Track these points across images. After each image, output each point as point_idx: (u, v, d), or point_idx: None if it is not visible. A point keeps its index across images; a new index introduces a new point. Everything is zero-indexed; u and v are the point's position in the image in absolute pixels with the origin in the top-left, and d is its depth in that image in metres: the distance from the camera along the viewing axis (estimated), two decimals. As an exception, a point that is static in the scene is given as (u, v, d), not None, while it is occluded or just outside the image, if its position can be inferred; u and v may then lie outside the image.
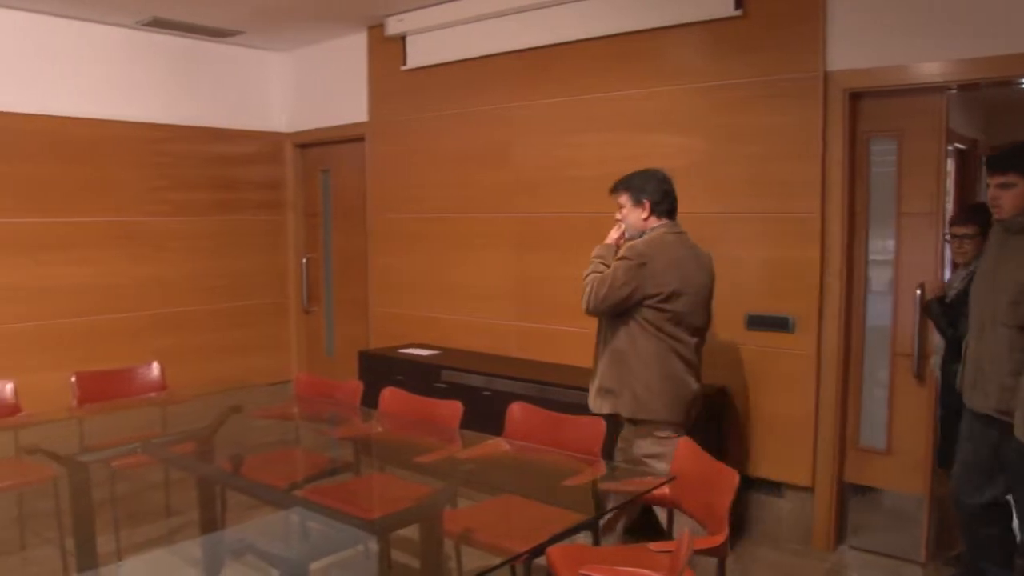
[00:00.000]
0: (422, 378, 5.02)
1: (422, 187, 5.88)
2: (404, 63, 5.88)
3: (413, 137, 5.92)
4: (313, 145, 6.88)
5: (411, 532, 2.99)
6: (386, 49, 6.01)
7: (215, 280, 6.50)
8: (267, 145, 6.85)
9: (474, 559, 2.66)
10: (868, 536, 4.21)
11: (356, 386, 4.12)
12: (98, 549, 2.74)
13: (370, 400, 4.06)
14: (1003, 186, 3.09)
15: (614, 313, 3.52)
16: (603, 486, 3.23)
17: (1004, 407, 3.06)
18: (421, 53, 5.78)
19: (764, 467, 4.33)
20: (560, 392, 4.44)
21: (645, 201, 3.58)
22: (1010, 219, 3.10)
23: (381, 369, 5.30)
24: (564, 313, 5.05)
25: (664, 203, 3.59)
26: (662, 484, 2.97)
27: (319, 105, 6.67)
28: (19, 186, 5.46)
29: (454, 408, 3.68)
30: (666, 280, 3.43)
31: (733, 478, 2.75)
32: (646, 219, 3.58)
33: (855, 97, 4.09)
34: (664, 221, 3.58)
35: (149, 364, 4.70)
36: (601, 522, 3.37)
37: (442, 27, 5.56)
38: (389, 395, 3.95)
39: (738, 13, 4.26)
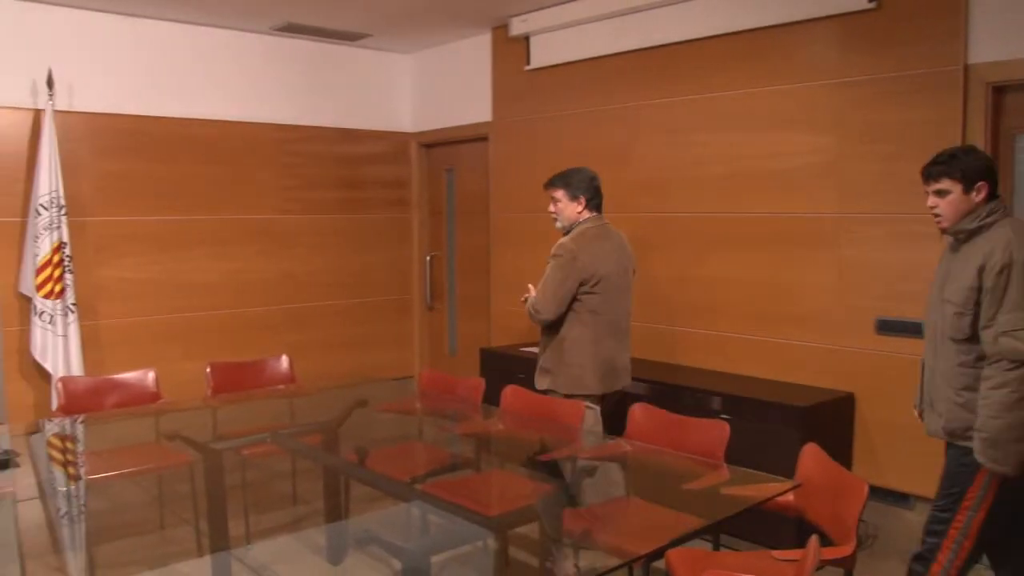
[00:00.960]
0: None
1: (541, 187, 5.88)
2: (527, 63, 5.90)
3: (535, 137, 5.93)
4: (437, 145, 6.98)
5: (530, 530, 2.98)
6: (510, 49, 6.05)
7: (342, 277, 6.68)
8: (393, 145, 6.98)
9: (593, 559, 2.64)
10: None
11: (478, 383, 4.15)
12: (229, 532, 2.84)
13: (491, 397, 4.08)
14: (939, 193, 2.96)
15: (561, 310, 3.86)
16: (726, 491, 3.16)
17: (952, 427, 2.92)
18: (544, 53, 5.79)
19: (892, 477, 4.15)
20: (682, 394, 4.37)
21: (581, 197, 4.01)
22: (952, 228, 2.96)
23: (502, 367, 5.33)
24: (684, 314, 4.97)
25: (596, 198, 4.05)
26: (786, 491, 2.88)
27: (444, 105, 6.77)
28: (161, 186, 5.74)
29: (576, 407, 3.67)
30: (594, 269, 3.86)
31: (862, 488, 2.64)
32: (580, 212, 4.01)
33: (999, 91, 3.86)
34: (592, 214, 4.03)
35: (278, 357, 4.85)
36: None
37: (565, 27, 5.55)
38: (511, 393, 3.97)
39: (872, 6, 4.10)
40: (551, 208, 4.11)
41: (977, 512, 2.88)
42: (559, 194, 4.05)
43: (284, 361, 4.83)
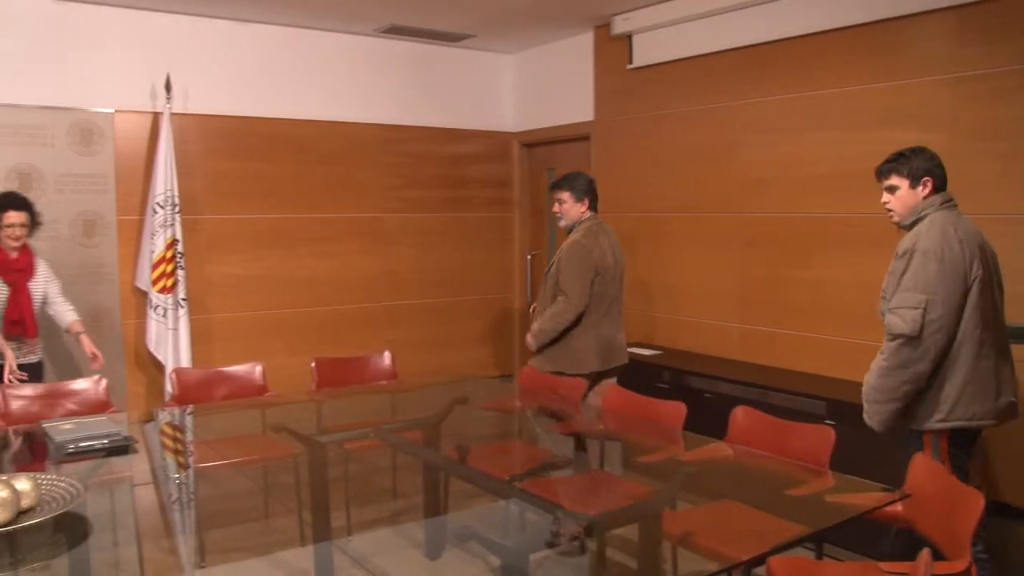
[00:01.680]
0: (644, 377, 4.96)
1: (646, 186, 5.82)
2: (630, 62, 5.85)
3: (637, 136, 5.87)
4: (539, 144, 6.98)
5: (628, 532, 2.94)
6: (612, 48, 6.00)
7: (444, 275, 6.74)
8: (495, 144, 7.02)
9: (692, 563, 2.58)
10: None
11: (579, 383, 4.12)
12: (331, 523, 2.89)
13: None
14: (889, 189, 3.24)
15: (588, 301, 4.32)
16: (830, 498, 3.05)
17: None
18: (647, 51, 5.72)
19: (1009, 492, 3.95)
20: (784, 398, 4.26)
21: (584, 199, 4.46)
22: (902, 222, 3.25)
23: (602, 367, 5.29)
24: (788, 316, 4.85)
25: (595, 200, 4.51)
26: (895, 501, 2.76)
27: (545, 105, 6.76)
28: (268, 184, 5.90)
29: (677, 409, 3.60)
30: (601, 261, 4.34)
31: (978, 500, 2.51)
32: (582, 212, 4.46)
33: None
34: (592, 214, 4.49)
35: (381, 353, 4.91)
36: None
37: (668, 24, 5.48)
38: (612, 393, 3.93)
39: (986, -3, 3.92)
40: (556, 209, 4.54)
41: None
42: (565, 196, 4.48)
43: (387, 357, 4.88)
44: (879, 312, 3.28)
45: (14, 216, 4.40)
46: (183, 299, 5.46)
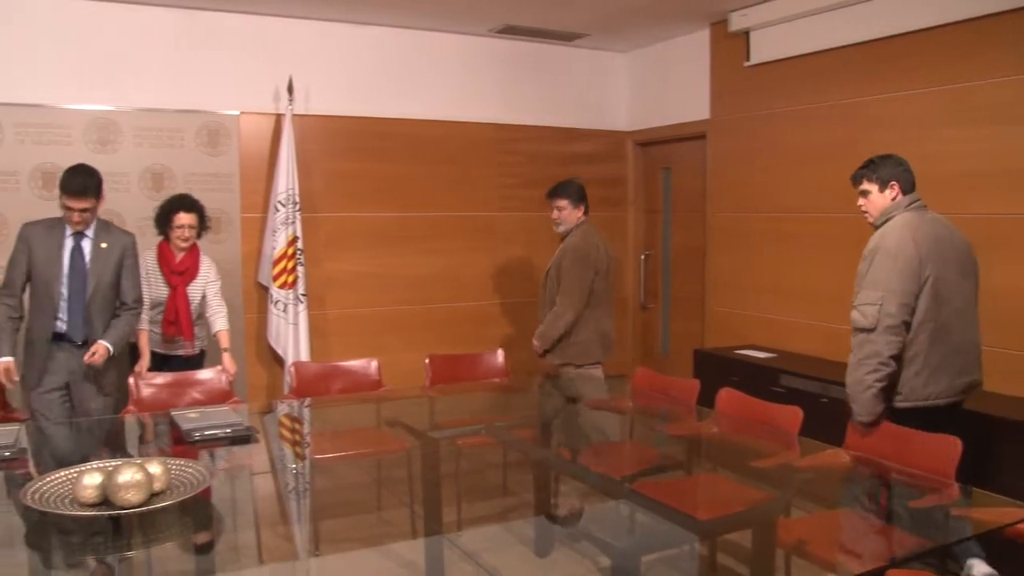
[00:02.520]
0: (758, 380, 4.84)
1: (763, 185, 5.68)
2: (747, 59, 5.71)
3: (755, 134, 5.74)
4: (653, 143, 6.90)
5: (740, 537, 2.87)
6: (729, 45, 5.88)
7: (556, 274, 6.73)
8: (609, 143, 6.97)
9: (806, 573, 2.50)
10: None
11: (693, 384, 4.06)
12: (442, 518, 2.91)
13: (704, 400, 3.98)
14: (863, 193, 3.58)
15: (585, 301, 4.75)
16: (957, 512, 2.91)
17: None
18: (765, 48, 5.58)
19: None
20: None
21: (581, 205, 4.88)
22: (875, 223, 3.54)
23: (716, 369, 5.19)
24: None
25: (587, 204, 4.92)
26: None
27: (660, 103, 6.68)
28: (385, 183, 6.02)
29: (794, 413, 3.50)
30: (597, 262, 4.76)
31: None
32: (579, 217, 4.86)
33: None
34: (586, 217, 4.90)
35: (494, 351, 4.95)
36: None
37: (788, 20, 5.33)
38: (726, 396, 3.84)
39: None
40: (554, 215, 4.90)
41: None
42: (563, 203, 4.86)
43: (499, 355, 4.92)
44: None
45: (184, 218, 4.61)
46: (302, 295, 5.61)
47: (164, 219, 4.67)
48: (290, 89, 5.61)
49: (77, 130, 5.22)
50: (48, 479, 2.54)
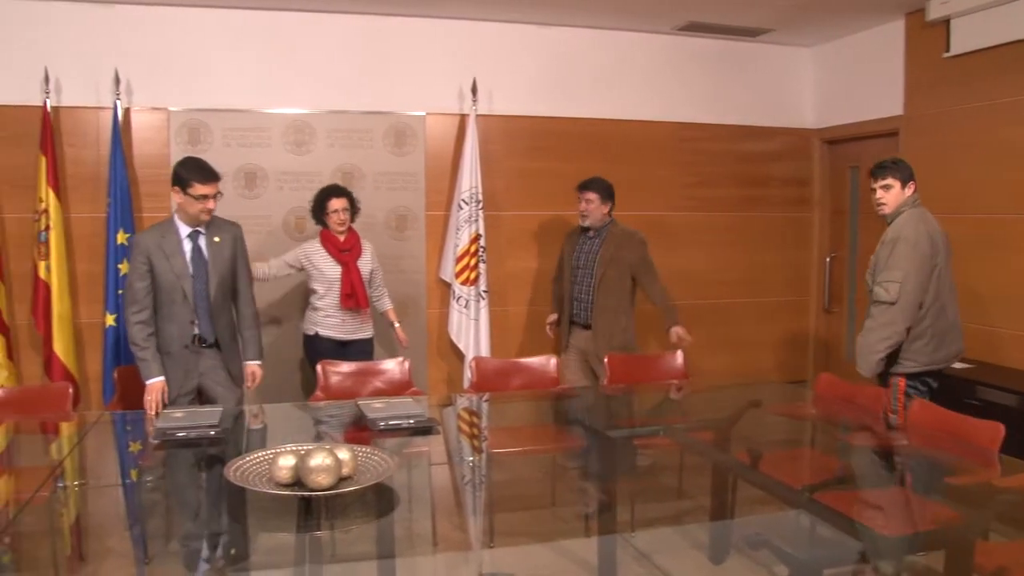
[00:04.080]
0: (953, 392, 4.55)
1: (964, 185, 5.32)
2: (947, 49, 5.38)
3: (955, 130, 5.40)
4: (841, 141, 6.62)
5: (932, 559, 2.71)
6: (926, 35, 5.56)
7: (736, 275, 6.59)
8: (794, 141, 6.74)
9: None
10: None
11: (879, 393, 3.88)
12: (616, 517, 2.91)
13: (893, 409, 3.80)
14: (885, 187, 4.14)
15: None
16: None
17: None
18: (968, 36, 5.23)
19: None
20: None
21: (608, 201, 5.19)
22: (890, 215, 4.15)
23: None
24: None
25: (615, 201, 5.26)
26: None
27: (848, 99, 6.40)
28: (566, 183, 5.98)
29: (994, 429, 3.27)
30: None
31: None
32: (605, 214, 5.20)
33: None
34: (611, 217, 5.26)
35: (674, 352, 4.90)
36: None
37: (994, 5, 4.96)
38: (919, 407, 3.64)
39: None
40: (582, 207, 5.17)
41: None
42: (593, 196, 5.15)
43: (678, 356, 4.86)
44: (866, 285, 4.22)
45: (337, 202, 4.92)
46: (484, 291, 5.74)
47: (320, 208, 4.98)
48: (474, 90, 5.74)
49: (276, 133, 5.56)
50: (248, 458, 2.72)
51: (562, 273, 5.49)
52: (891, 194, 4.13)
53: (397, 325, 5.18)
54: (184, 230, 4.06)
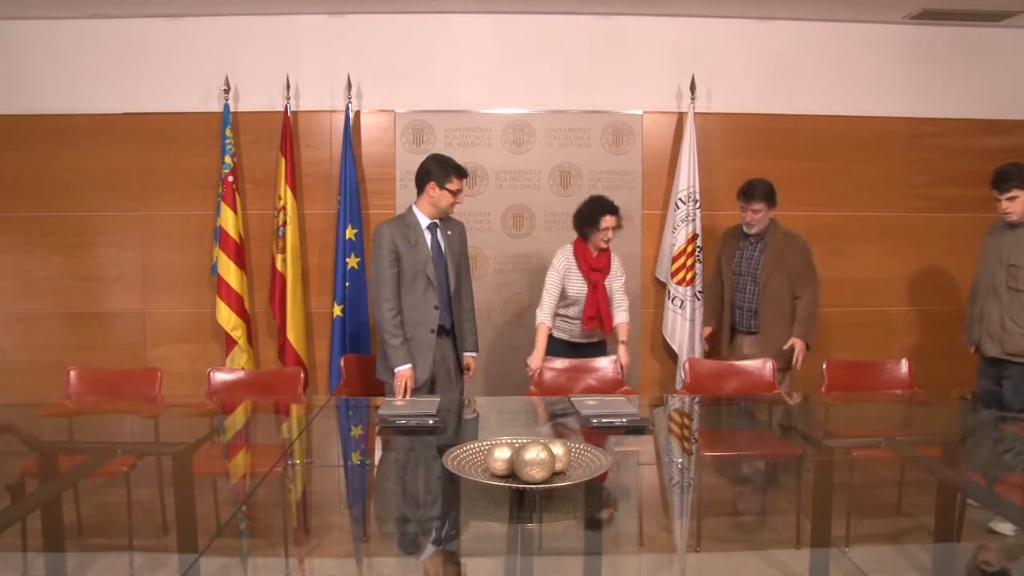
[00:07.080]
0: None
1: None
2: None
3: None
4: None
5: None
6: None
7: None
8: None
9: None
10: None
11: None
12: (831, 530, 2.81)
13: None
14: (1011, 199, 4.46)
15: None
16: None
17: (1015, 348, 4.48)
18: None
19: None
20: None
21: (774, 207, 5.13)
22: (1019, 221, 4.49)
23: None
24: None
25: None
26: None
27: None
28: (789, 182, 5.78)
29: None
30: None
31: None
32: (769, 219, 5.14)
33: None
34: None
35: (898, 361, 4.66)
36: None
37: None
38: None
39: None
40: (748, 217, 5.09)
41: None
42: (760, 206, 5.06)
43: (903, 365, 4.62)
44: (993, 280, 4.54)
45: (610, 220, 4.75)
46: (700, 292, 5.67)
47: (591, 220, 4.75)
48: (692, 88, 5.69)
49: (496, 132, 5.75)
50: (465, 448, 2.84)
51: (719, 278, 5.35)
52: (1018, 204, 4.44)
53: (624, 344, 4.81)
54: (424, 221, 4.29)
